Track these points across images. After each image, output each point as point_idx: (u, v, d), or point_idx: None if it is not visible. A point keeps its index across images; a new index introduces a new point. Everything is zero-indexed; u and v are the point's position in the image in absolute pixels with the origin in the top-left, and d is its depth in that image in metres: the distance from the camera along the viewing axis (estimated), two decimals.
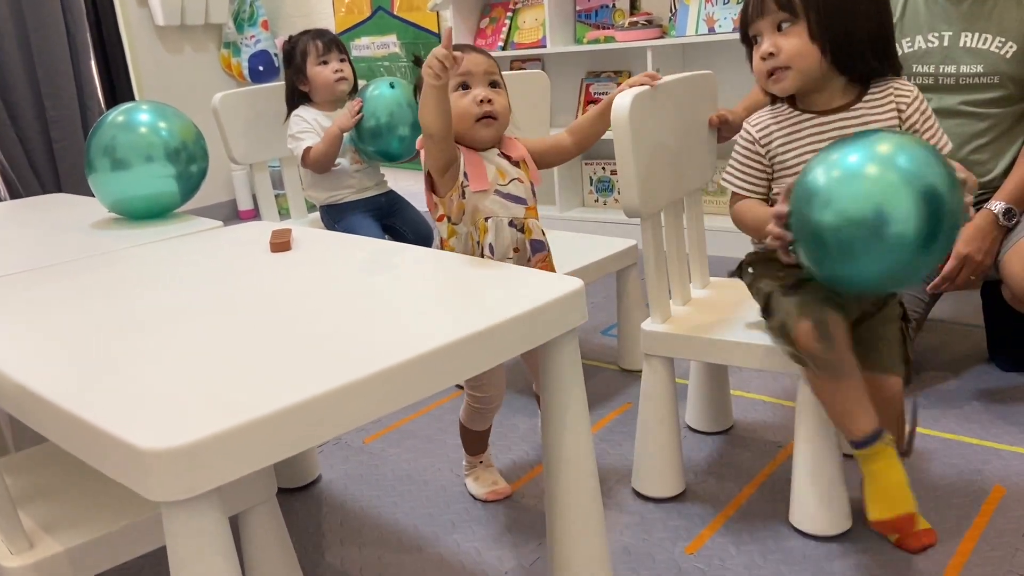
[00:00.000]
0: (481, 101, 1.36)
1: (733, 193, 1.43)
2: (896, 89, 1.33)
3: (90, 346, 1.02)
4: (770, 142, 1.37)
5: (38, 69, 3.56)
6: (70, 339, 1.05)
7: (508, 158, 1.42)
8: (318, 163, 2.26)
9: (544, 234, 1.44)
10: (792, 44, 1.28)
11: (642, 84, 1.43)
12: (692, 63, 3.25)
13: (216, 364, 0.93)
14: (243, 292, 1.20)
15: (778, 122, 1.37)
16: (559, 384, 1.14)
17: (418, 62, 1.56)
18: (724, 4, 3.07)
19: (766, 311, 1.37)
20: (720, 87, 1.70)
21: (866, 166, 1.11)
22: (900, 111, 1.31)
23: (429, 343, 0.93)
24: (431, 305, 1.10)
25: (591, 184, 3.66)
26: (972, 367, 2.02)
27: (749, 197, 1.41)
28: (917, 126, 1.32)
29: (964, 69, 1.70)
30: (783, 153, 1.36)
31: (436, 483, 1.71)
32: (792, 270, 1.31)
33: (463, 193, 1.37)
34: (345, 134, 2.30)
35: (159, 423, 0.79)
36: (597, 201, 3.66)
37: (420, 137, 1.37)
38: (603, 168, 3.60)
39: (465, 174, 1.36)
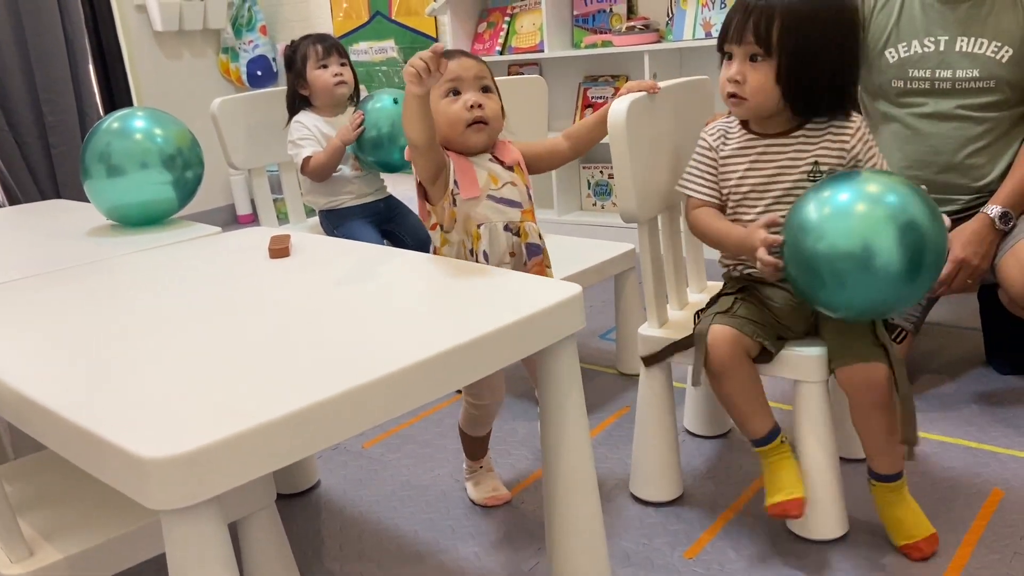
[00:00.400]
0: (472, 106, 1.34)
1: (689, 198, 1.47)
2: (840, 127, 1.38)
3: (88, 353, 1.02)
4: (719, 152, 1.44)
5: (36, 75, 3.56)
6: (68, 346, 1.05)
7: (501, 163, 1.40)
8: (317, 173, 2.26)
9: (541, 237, 1.43)
10: (757, 80, 1.33)
11: (641, 90, 1.43)
12: (689, 67, 3.26)
13: (215, 371, 0.93)
14: (242, 298, 1.20)
15: (732, 134, 1.44)
16: (558, 389, 1.14)
17: None
18: (721, 8, 3.08)
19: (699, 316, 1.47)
20: (717, 91, 1.71)
21: (855, 204, 1.21)
22: (843, 142, 1.37)
23: (428, 350, 0.94)
24: (430, 311, 1.10)
25: (589, 188, 3.67)
26: (970, 370, 2.02)
27: (707, 203, 1.45)
28: (860, 156, 1.38)
29: (960, 73, 1.71)
30: (727, 166, 1.43)
31: (436, 488, 1.72)
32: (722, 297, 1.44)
33: (454, 201, 1.35)
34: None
35: (158, 431, 0.79)
36: (595, 205, 3.66)
37: (407, 147, 1.35)
38: (601, 172, 3.60)
39: (455, 181, 1.34)
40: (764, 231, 1.33)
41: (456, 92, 1.35)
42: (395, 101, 2.24)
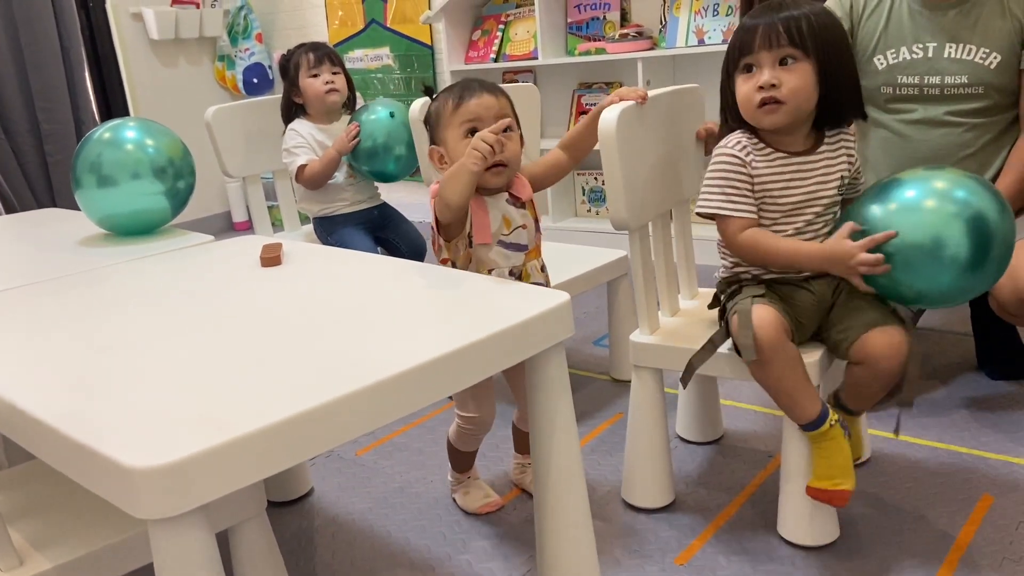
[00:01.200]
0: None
1: (728, 219, 1.38)
2: (845, 137, 1.42)
3: (77, 364, 1.02)
4: (754, 168, 1.37)
5: (32, 83, 3.57)
6: (58, 357, 1.05)
7: (517, 200, 1.41)
8: (312, 181, 2.27)
9: (544, 270, 1.47)
10: (795, 80, 1.30)
11: (631, 98, 1.44)
12: (682, 74, 3.27)
13: (204, 381, 0.94)
14: (232, 308, 1.21)
15: (758, 151, 1.38)
16: (547, 397, 1.14)
17: (428, 92, 1.56)
18: (713, 16, 3.10)
19: (722, 316, 1.44)
20: (709, 98, 1.72)
21: (927, 198, 1.26)
22: (849, 157, 1.41)
23: (417, 358, 0.94)
24: (419, 319, 1.11)
25: (583, 194, 3.68)
26: (961, 375, 2.03)
27: (752, 222, 1.38)
28: (859, 169, 1.44)
29: (949, 80, 1.72)
30: (768, 185, 1.37)
31: (428, 495, 1.72)
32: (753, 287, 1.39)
33: (470, 242, 1.37)
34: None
35: (145, 441, 0.79)
36: (590, 211, 3.67)
37: (434, 186, 1.36)
38: (595, 178, 3.61)
39: (471, 223, 1.37)
40: (849, 239, 1.30)
41: (475, 132, 1.34)
42: (391, 115, 2.24)
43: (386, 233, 2.45)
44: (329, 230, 2.39)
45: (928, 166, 1.33)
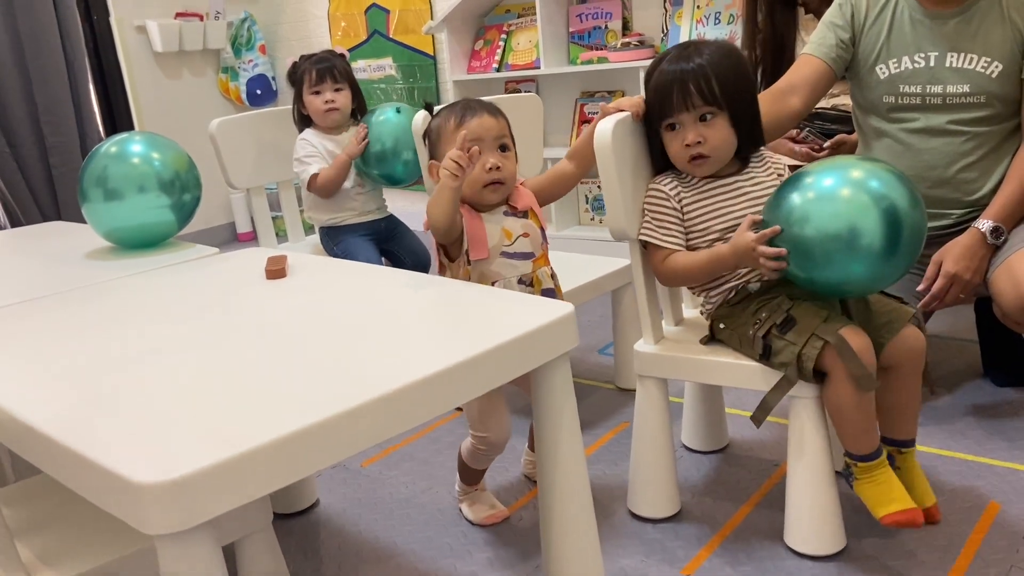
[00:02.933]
0: (489, 168, 1.40)
1: (657, 249, 1.47)
2: (770, 158, 1.51)
3: (85, 378, 1.03)
4: (680, 202, 1.46)
5: (37, 96, 3.59)
6: (65, 371, 1.06)
7: (515, 210, 1.45)
8: (325, 188, 2.29)
9: (554, 276, 1.50)
10: (716, 135, 1.41)
11: (627, 109, 1.45)
12: None
13: (210, 395, 0.94)
14: (237, 321, 1.21)
15: (685, 185, 1.47)
16: (552, 408, 1.15)
17: (429, 108, 1.60)
18: (715, 24, 3.11)
19: (767, 354, 1.39)
20: None
21: (840, 189, 1.29)
22: (780, 176, 1.48)
23: (422, 371, 0.95)
24: (423, 331, 1.11)
25: (587, 202, 3.69)
26: (967, 382, 2.03)
27: (675, 251, 1.46)
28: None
29: (951, 89, 1.72)
30: (695, 214, 1.46)
31: (434, 506, 1.72)
32: (773, 306, 1.40)
33: (468, 260, 1.41)
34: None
35: (152, 456, 0.80)
36: (593, 219, 3.68)
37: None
38: (598, 187, 3.62)
39: (466, 240, 1.40)
40: (751, 231, 1.36)
41: None
42: (398, 111, 2.30)
43: (391, 245, 2.46)
44: (335, 239, 2.40)
45: (845, 156, 1.40)
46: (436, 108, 1.59)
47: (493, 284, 1.42)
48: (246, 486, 0.80)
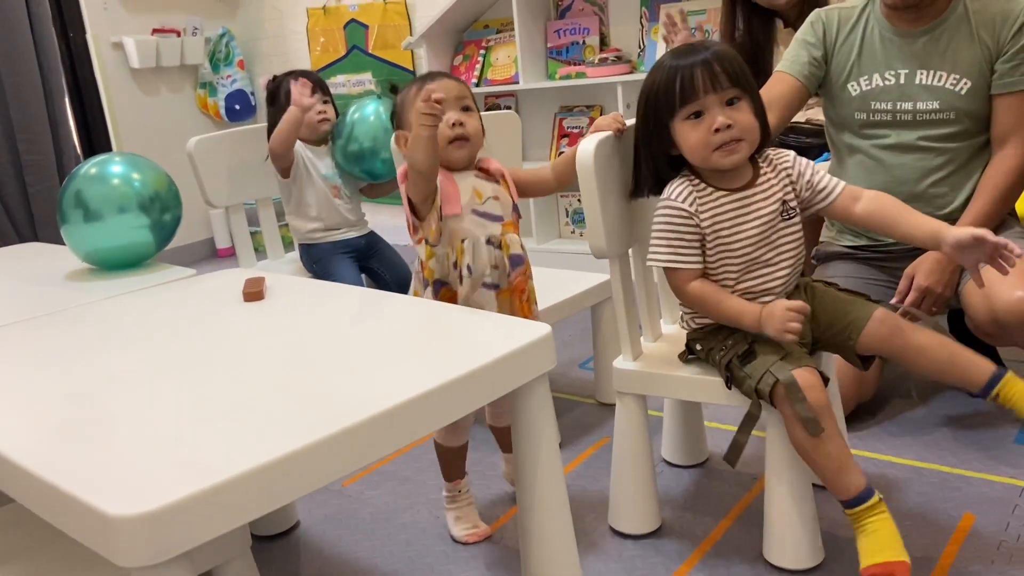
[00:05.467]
0: (453, 124, 1.45)
1: (678, 272, 1.39)
2: (775, 157, 1.42)
3: (58, 406, 1.02)
4: (701, 216, 1.37)
5: (12, 114, 3.55)
6: (39, 399, 1.05)
7: (486, 172, 1.49)
8: (278, 143, 2.25)
9: (523, 248, 1.52)
10: (746, 119, 1.33)
11: (608, 129, 1.46)
12: None
13: (187, 423, 0.94)
14: (214, 346, 1.21)
15: (701, 199, 1.38)
16: (531, 427, 1.15)
17: (394, 90, 1.62)
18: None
19: (730, 381, 1.40)
20: None
21: None
22: (789, 176, 1.41)
23: (400, 396, 0.95)
24: (402, 355, 1.12)
25: (567, 216, 3.70)
26: (940, 393, 2.05)
27: (692, 270, 1.39)
28: (809, 178, 1.41)
29: (921, 106, 1.75)
30: (719, 226, 1.37)
31: (416, 526, 1.71)
32: (738, 336, 1.39)
33: (440, 216, 1.44)
34: (330, 167, 2.35)
35: (127, 488, 0.79)
36: (574, 232, 3.70)
37: (402, 168, 1.44)
38: (579, 200, 3.62)
39: (439, 197, 1.43)
40: (785, 310, 1.31)
41: None
42: (379, 96, 2.39)
43: (372, 263, 2.46)
44: (315, 258, 2.39)
45: None
46: None
47: (463, 242, 1.45)
48: (224, 516, 0.80)
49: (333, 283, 1.54)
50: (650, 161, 1.42)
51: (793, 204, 1.41)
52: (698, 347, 1.48)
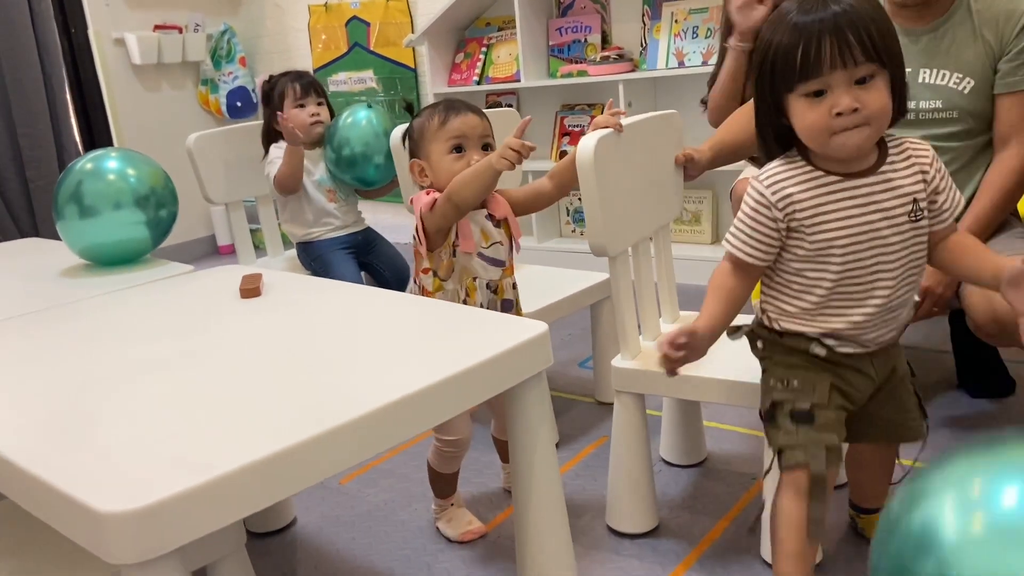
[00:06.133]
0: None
1: (733, 256, 1.22)
2: (912, 148, 1.19)
3: (50, 402, 1.01)
4: (790, 206, 1.16)
5: (14, 109, 3.55)
6: (32, 395, 1.04)
7: (492, 218, 1.47)
8: (285, 179, 2.26)
9: (515, 287, 1.52)
10: (877, 99, 1.10)
11: (607, 126, 1.45)
12: (663, 96, 3.30)
13: (180, 420, 0.93)
14: (210, 342, 1.20)
15: (799, 183, 1.16)
16: (526, 426, 1.14)
17: (409, 108, 1.61)
18: (692, 39, 3.13)
19: (770, 418, 1.25)
20: (688, 119, 1.73)
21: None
22: (924, 173, 1.18)
23: (397, 392, 0.94)
24: (399, 352, 1.11)
25: (567, 215, 3.69)
26: (942, 394, 2.04)
27: (751, 263, 1.21)
28: (939, 187, 1.19)
29: (923, 104, 1.74)
30: (812, 223, 1.16)
31: (413, 523, 1.71)
32: (808, 383, 1.21)
33: (454, 252, 1.43)
34: (323, 173, 2.34)
35: (119, 484, 0.79)
36: (574, 231, 3.69)
37: (428, 200, 1.40)
38: (579, 199, 3.61)
39: (456, 234, 1.42)
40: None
41: (459, 149, 1.44)
42: (369, 106, 2.37)
43: (370, 258, 2.46)
44: (313, 255, 2.39)
45: None
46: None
47: (474, 280, 1.45)
48: (217, 513, 0.79)
49: (330, 280, 1.53)
50: (764, 129, 1.21)
51: (924, 204, 1.17)
52: (759, 345, 1.30)
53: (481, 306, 1.45)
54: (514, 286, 1.52)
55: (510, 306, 1.51)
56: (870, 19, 1.08)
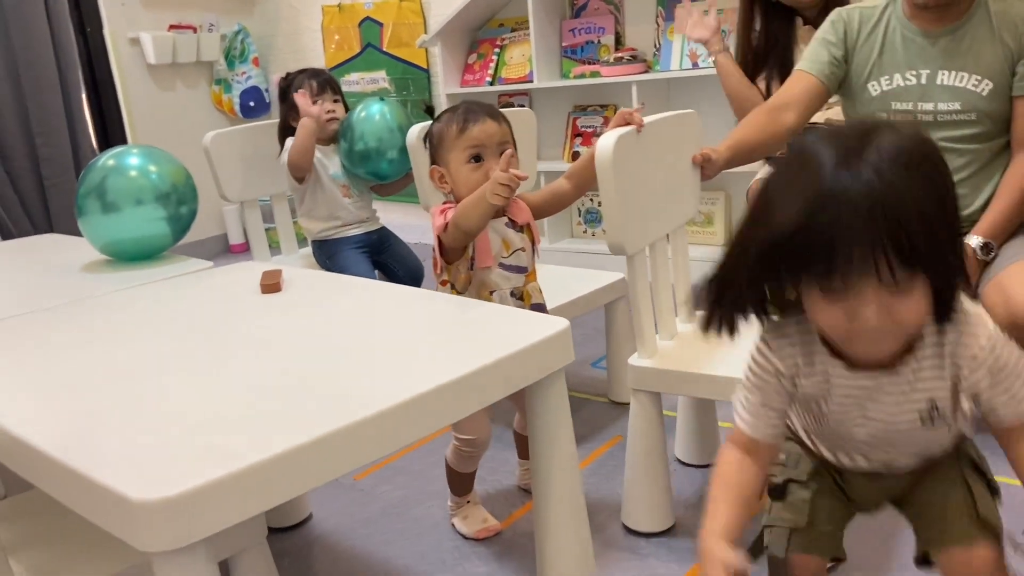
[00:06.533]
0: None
1: (737, 429, 1.03)
2: (959, 337, 0.91)
3: (80, 394, 1.02)
4: (798, 385, 0.98)
5: (30, 107, 3.58)
6: (61, 387, 1.06)
7: (514, 224, 1.46)
8: (297, 156, 2.27)
9: (541, 293, 1.51)
10: (911, 311, 0.84)
11: (628, 123, 1.45)
12: (676, 97, 3.30)
13: (206, 412, 0.94)
14: (232, 336, 1.21)
15: (806, 355, 0.96)
16: (546, 423, 1.15)
17: (429, 111, 1.61)
18: None
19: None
20: (705, 124, 1.74)
21: None
22: (958, 371, 0.92)
23: (419, 387, 0.95)
24: (419, 348, 1.11)
25: (579, 215, 3.70)
26: None
27: (748, 437, 1.01)
28: (989, 394, 0.93)
29: (942, 106, 1.74)
30: (820, 404, 0.99)
31: (427, 520, 1.71)
32: (795, 459, 1.10)
33: (471, 265, 1.42)
34: (337, 168, 2.36)
35: (149, 473, 0.80)
36: (586, 232, 3.69)
37: (440, 217, 1.41)
38: (591, 200, 3.63)
39: (473, 248, 1.42)
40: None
41: (478, 158, 1.42)
42: (381, 99, 2.39)
43: (384, 257, 2.47)
44: (328, 254, 2.40)
45: None
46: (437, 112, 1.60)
47: (491, 294, 1.43)
48: (243, 503, 0.80)
49: (349, 276, 1.54)
50: (740, 298, 0.94)
51: (944, 407, 0.95)
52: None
53: None
54: (540, 291, 1.51)
55: (541, 310, 1.49)
56: (921, 211, 0.79)
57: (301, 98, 2.27)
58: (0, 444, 0.94)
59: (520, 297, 1.47)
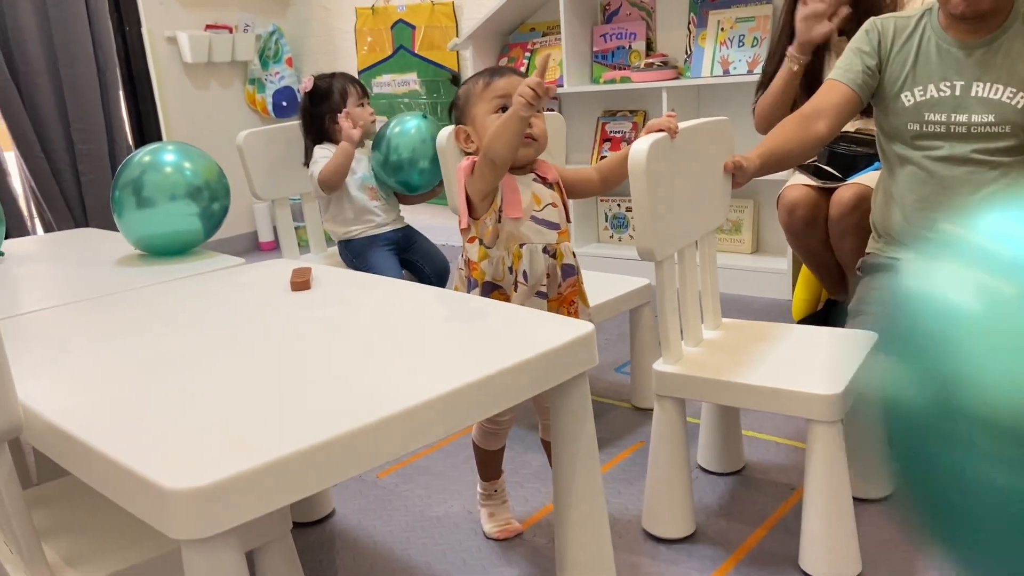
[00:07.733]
0: None
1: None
2: None
3: (115, 383, 1.05)
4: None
5: (68, 103, 3.66)
6: (96, 377, 1.08)
7: (544, 180, 1.47)
8: (331, 176, 2.31)
9: (575, 256, 1.49)
10: None
11: (663, 130, 1.46)
12: (707, 104, 3.29)
13: (238, 404, 0.96)
14: (264, 331, 1.23)
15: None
16: (569, 426, 1.15)
17: (455, 80, 1.63)
18: (739, 47, 3.12)
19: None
20: (737, 130, 1.73)
21: None
22: None
23: (443, 386, 0.96)
24: (446, 347, 1.13)
25: (606, 220, 3.70)
26: None
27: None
28: None
29: (976, 118, 1.72)
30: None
31: (448, 520, 1.73)
32: None
33: (499, 218, 1.42)
34: (366, 171, 2.39)
35: (182, 462, 0.82)
36: (612, 237, 3.69)
37: (467, 162, 1.42)
38: (618, 205, 3.63)
39: (502, 199, 1.42)
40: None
41: (506, 109, 1.42)
42: (424, 116, 2.42)
43: (410, 255, 2.49)
44: (355, 252, 2.42)
45: None
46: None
47: (521, 247, 1.42)
48: (272, 495, 0.81)
49: (378, 275, 1.56)
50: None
51: None
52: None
53: (527, 275, 1.42)
54: (574, 254, 1.49)
55: (572, 271, 1.47)
56: None
57: (345, 121, 2.33)
58: (36, 431, 0.97)
59: (553, 255, 1.44)
